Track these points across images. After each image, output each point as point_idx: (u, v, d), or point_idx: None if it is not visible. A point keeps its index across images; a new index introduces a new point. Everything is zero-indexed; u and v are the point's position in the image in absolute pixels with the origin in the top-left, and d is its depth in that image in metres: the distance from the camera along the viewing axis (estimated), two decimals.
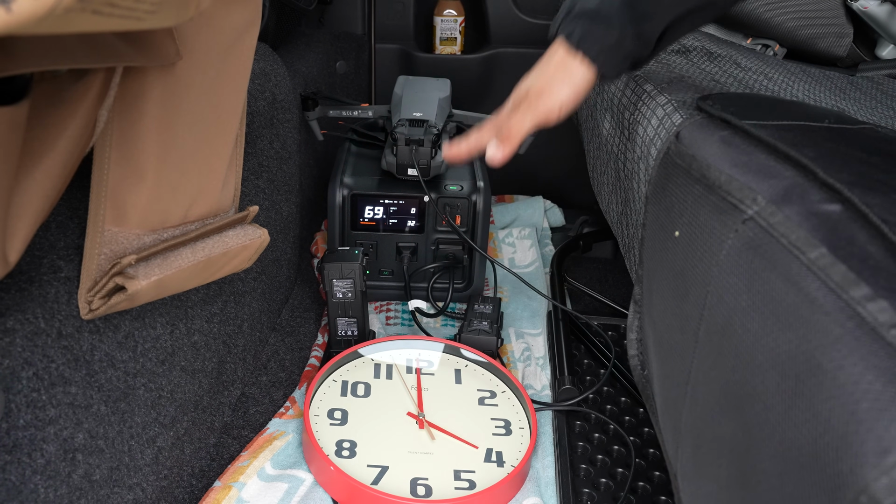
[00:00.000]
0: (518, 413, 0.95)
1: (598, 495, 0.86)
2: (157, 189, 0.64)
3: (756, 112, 0.58)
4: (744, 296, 0.41)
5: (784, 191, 0.42)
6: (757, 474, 0.37)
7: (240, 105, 0.72)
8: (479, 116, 1.28)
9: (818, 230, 0.38)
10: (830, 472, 0.30)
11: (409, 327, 1.17)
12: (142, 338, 0.72)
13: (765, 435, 0.36)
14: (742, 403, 0.39)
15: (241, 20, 0.67)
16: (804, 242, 0.37)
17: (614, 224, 0.93)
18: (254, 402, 0.96)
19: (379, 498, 0.79)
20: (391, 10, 1.67)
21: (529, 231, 1.45)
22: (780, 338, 0.36)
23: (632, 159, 0.74)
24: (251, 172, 0.99)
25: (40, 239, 0.62)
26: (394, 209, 1.17)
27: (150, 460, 0.72)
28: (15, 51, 0.42)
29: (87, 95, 0.54)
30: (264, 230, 0.75)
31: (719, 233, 0.45)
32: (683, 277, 0.50)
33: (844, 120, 0.59)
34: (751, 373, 0.38)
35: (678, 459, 0.52)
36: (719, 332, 0.43)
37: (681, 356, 0.49)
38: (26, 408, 0.56)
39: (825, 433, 0.31)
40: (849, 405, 0.30)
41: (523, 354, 1.10)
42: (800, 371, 0.34)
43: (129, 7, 0.35)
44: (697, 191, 0.50)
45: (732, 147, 0.50)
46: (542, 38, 1.74)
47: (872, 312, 0.32)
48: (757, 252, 0.41)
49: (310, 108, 1.27)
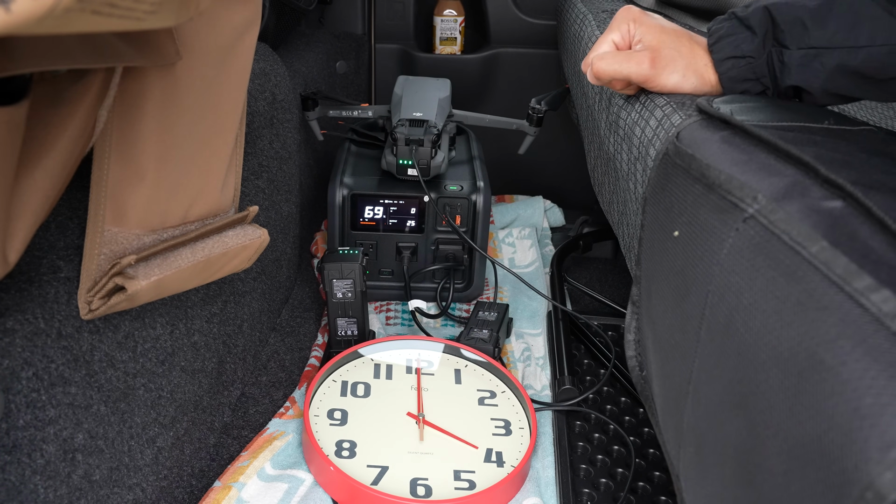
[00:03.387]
0: (518, 413, 0.95)
1: (598, 495, 0.86)
2: (156, 189, 0.64)
3: (757, 112, 0.58)
4: (745, 294, 0.40)
5: (785, 188, 0.42)
6: (762, 473, 0.37)
7: (240, 105, 0.72)
8: (479, 116, 1.28)
9: (819, 226, 0.38)
10: (836, 469, 0.30)
11: (409, 327, 1.17)
12: (142, 338, 0.72)
13: (769, 433, 0.36)
14: (746, 402, 0.39)
15: (241, 20, 0.67)
16: (806, 238, 0.37)
17: (615, 224, 0.93)
18: (254, 402, 0.96)
19: (379, 498, 0.79)
20: (391, 10, 1.67)
21: (529, 231, 1.45)
22: (782, 335, 0.36)
23: (630, 160, 0.74)
24: (251, 172, 0.99)
25: (40, 239, 0.62)
26: (394, 209, 1.17)
27: (149, 460, 0.72)
28: (14, 51, 0.42)
29: (86, 95, 0.54)
30: (264, 230, 0.75)
31: (720, 232, 0.45)
32: (683, 277, 0.50)
33: (845, 121, 0.59)
34: (754, 371, 0.38)
35: (680, 460, 0.52)
36: (721, 331, 0.43)
37: (682, 356, 0.49)
38: (26, 408, 0.56)
39: (829, 430, 0.31)
40: (852, 401, 0.30)
41: (523, 354, 1.10)
42: (802, 368, 0.34)
43: (128, 7, 0.35)
44: (697, 190, 0.50)
45: (732, 146, 0.50)
46: (542, 38, 1.75)
47: (876, 303, 0.32)
48: (758, 250, 0.41)
49: (310, 108, 1.27)
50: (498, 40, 1.68)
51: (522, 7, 1.65)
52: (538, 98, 1.29)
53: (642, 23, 0.72)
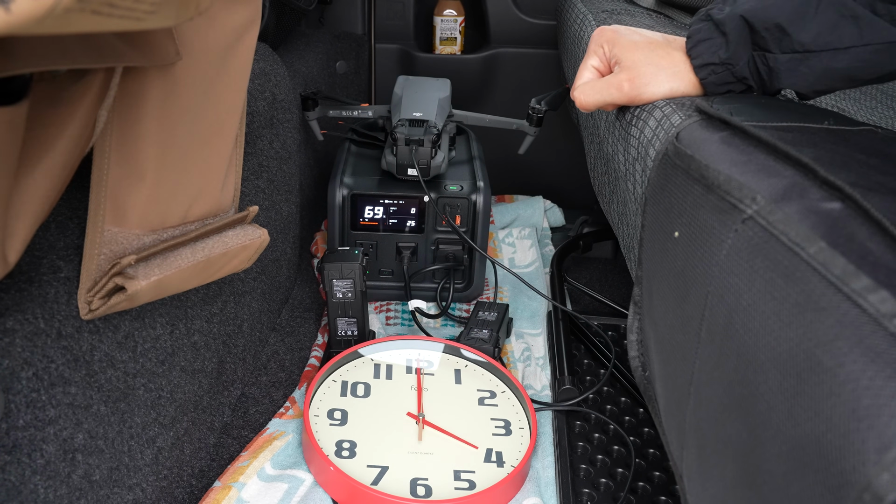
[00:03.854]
0: (518, 413, 0.95)
1: (598, 495, 0.86)
2: (156, 189, 0.64)
3: (756, 113, 0.58)
4: (745, 295, 0.41)
5: (784, 189, 0.42)
6: (762, 474, 0.37)
7: (240, 105, 0.72)
8: (479, 116, 1.28)
9: (818, 227, 0.38)
10: (834, 471, 0.30)
11: (409, 327, 1.17)
12: (141, 338, 0.72)
13: (769, 435, 0.36)
14: (745, 403, 0.39)
15: (241, 20, 0.67)
16: (804, 239, 0.37)
17: (615, 225, 0.93)
18: (254, 402, 0.96)
19: (379, 498, 0.79)
20: (391, 10, 1.67)
21: (529, 231, 1.45)
22: (781, 336, 0.36)
23: (629, 160, 0.74)
24: (251, 172, 0.99)
25: (40, 239, 0.62)
26: (394, 209, 1.17)
27: (149, 460, 0.72)
28: (14, 51, 0.42)
29: (86, 96, 0.54)
30: (264, 230, 0.75)
31: (719, 233, 0.45)
32: (684, 278, 0.50)
33: (844, 121, 0.59)
34: (753, 372, 0.38)
35: (683, 460, 0.52)
36: (721, 333, 0.43)
37: (683, 357, 0.49)
38: (26, 408, 0.56)
39: (827, 431, 0.31)
40: (849, 402, 0.30)
41: (523, 354, 1.10)
42: (801, 369, 0.34)
43: (128, 7, 0.35)
44: (697, 191, 0.50)
45: (732, 147, 0.50)
46: (543, 38, 1.75)
47: (874, 303, 0.32)
48: (757, 251, 0.41)
49: (310, 108, 1.27)
50: (498, 40, 1.68)
51: (522, 7, 1.65)
52: (538, 98, 1.29)
53: (615, 43, 0.72)
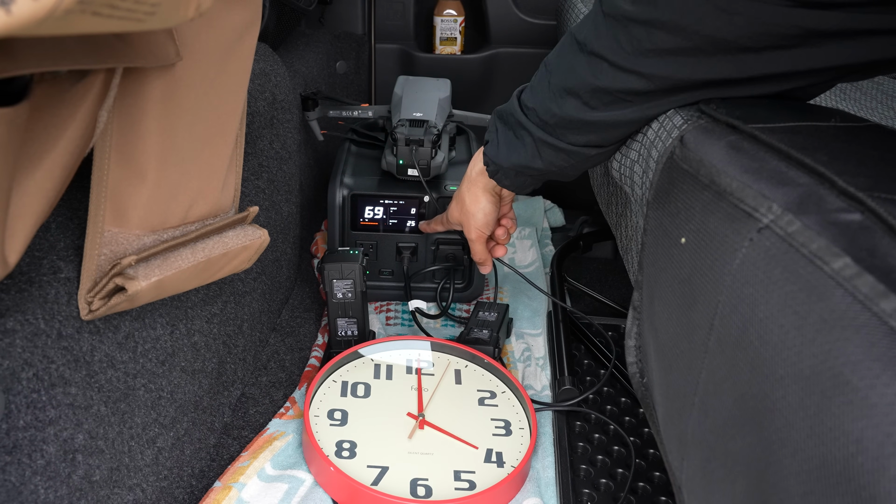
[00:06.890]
0: (518, 413, 0.95)
1: (598, 496, 0.86)
2: (157, 189, 0.64)
3: (761, 114, 0.57)
4: (761, 306, 0.40)
5: (799, 198, 0.41)
6: (778, 493, 0.36)
7: (240, 105, 0.72)
8: (479, 116, 1.28)
9: (839, 240, 0.37)
10: (865, 496, 0.30)
11: (409, 327, 1.17)
12: (142, 338, 0.72)
13: (787, 452, 0.35)
14: (760, 418, 0.38)
15: (241, 20, 0.67)
16: (826, 252, 0.36)
17: (614, 226, 0.93)
18: (254, 402, 0.96)
19: (379, 498, 0.79)
20: (391, 10, 1.67)
21: (529, 231, 1.45)
22: (803, 351, 0.35)
23: (629, 163, 0.74)
24: (251, 172, 0.99)
25: (40, 240, 0.62)
26: (394, 209, 1.17)
27: (150, 461, 0.72)
28: (15, 52, 0.42)
29: (87, 96, 0.54)
30: (264, 231, 0.75)
31: (732, 241, 0.44)
32: (690, 285, 0.49)
33: (850, 118, 0.58)
34: (770, 386, 0.37)
35: (683, 471, 0.51)
36: (733, 344, 0.42)
37: (687, 366, 0.48)
38: (26, 408, 0.56)
39: (857, 454, 0.31)
40: (883, 426, 0.30)
41: (523, 355, 1.10)
42: (826, 387, 0.33)
43: (128, 9, 0.35)
44: (706, 197, 0.49)
45: (741, 152, 0.49)
46: (542, 38, 1.75)
47: None
48: (775, 262, 0.40)
49: (310, 108, 1.27)
50: (498, 40, 1.68)
51: (522, 7, 1.65)
52: None
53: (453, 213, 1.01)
